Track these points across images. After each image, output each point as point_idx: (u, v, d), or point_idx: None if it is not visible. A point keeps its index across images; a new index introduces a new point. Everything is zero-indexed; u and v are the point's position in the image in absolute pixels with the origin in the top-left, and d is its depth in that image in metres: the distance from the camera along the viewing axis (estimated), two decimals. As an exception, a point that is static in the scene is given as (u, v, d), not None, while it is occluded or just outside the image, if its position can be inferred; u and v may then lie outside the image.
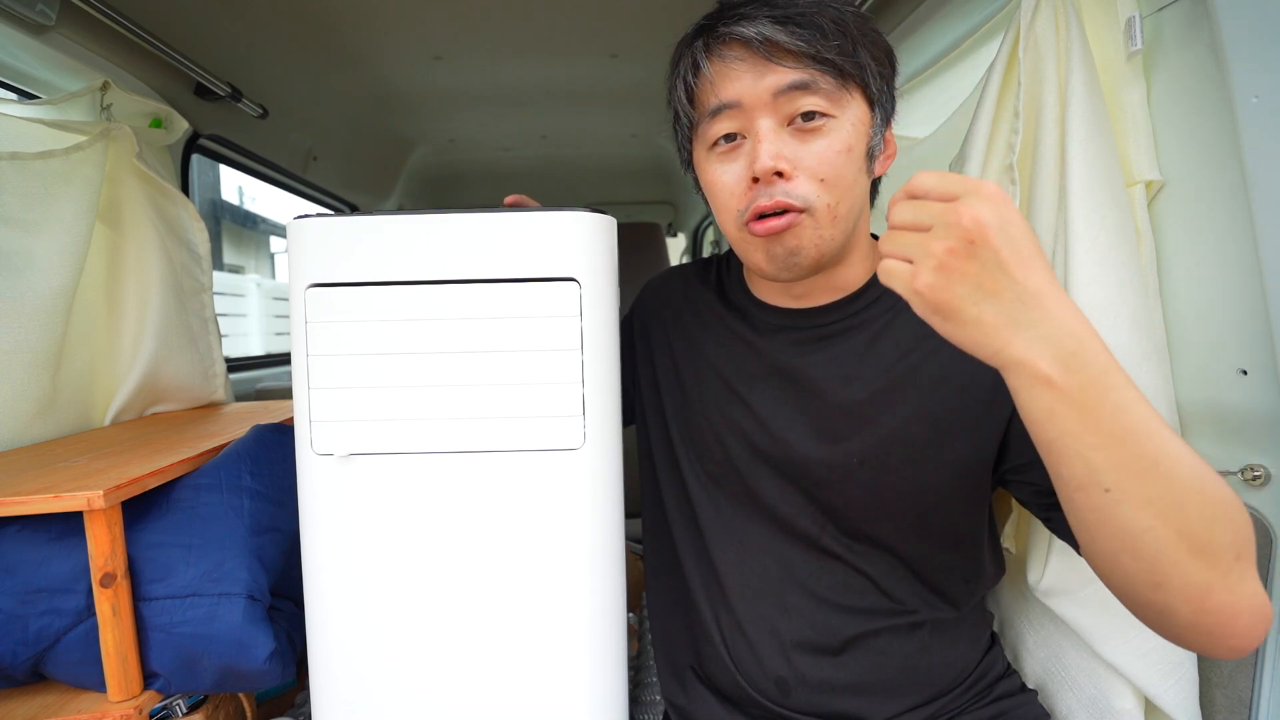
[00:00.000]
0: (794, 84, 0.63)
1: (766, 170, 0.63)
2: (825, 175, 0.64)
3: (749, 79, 0.64)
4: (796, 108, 0.64)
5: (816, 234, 0.66)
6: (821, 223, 0.65)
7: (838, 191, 0.65)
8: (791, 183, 0.64)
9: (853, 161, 0.65)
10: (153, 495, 0.82)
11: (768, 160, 0.63)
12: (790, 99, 0.64)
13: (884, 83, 0.68)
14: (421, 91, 1.93)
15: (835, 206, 0.65)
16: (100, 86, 1.18)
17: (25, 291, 1.02)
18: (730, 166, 0.68)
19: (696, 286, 0.85)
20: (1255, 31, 0.68)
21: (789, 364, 0.73)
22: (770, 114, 0.64)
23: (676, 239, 3.80)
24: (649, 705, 1.05)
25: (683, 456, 0.78)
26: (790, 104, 0.64)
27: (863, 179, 0.68)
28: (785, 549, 0.73)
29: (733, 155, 0.67)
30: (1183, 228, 0.81)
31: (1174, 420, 0.81)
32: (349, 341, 0.64)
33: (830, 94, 0.64)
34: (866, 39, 0.65)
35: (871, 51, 0.66)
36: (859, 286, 0.74)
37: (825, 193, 0.64)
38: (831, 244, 0.67)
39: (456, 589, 0.65)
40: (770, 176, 0.64)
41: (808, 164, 0.64)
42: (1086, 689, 0.83)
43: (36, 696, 0.79)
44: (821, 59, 0.63)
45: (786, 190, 0.64)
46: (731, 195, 0.68)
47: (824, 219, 0.65)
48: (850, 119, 0.65)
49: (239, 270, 5.43)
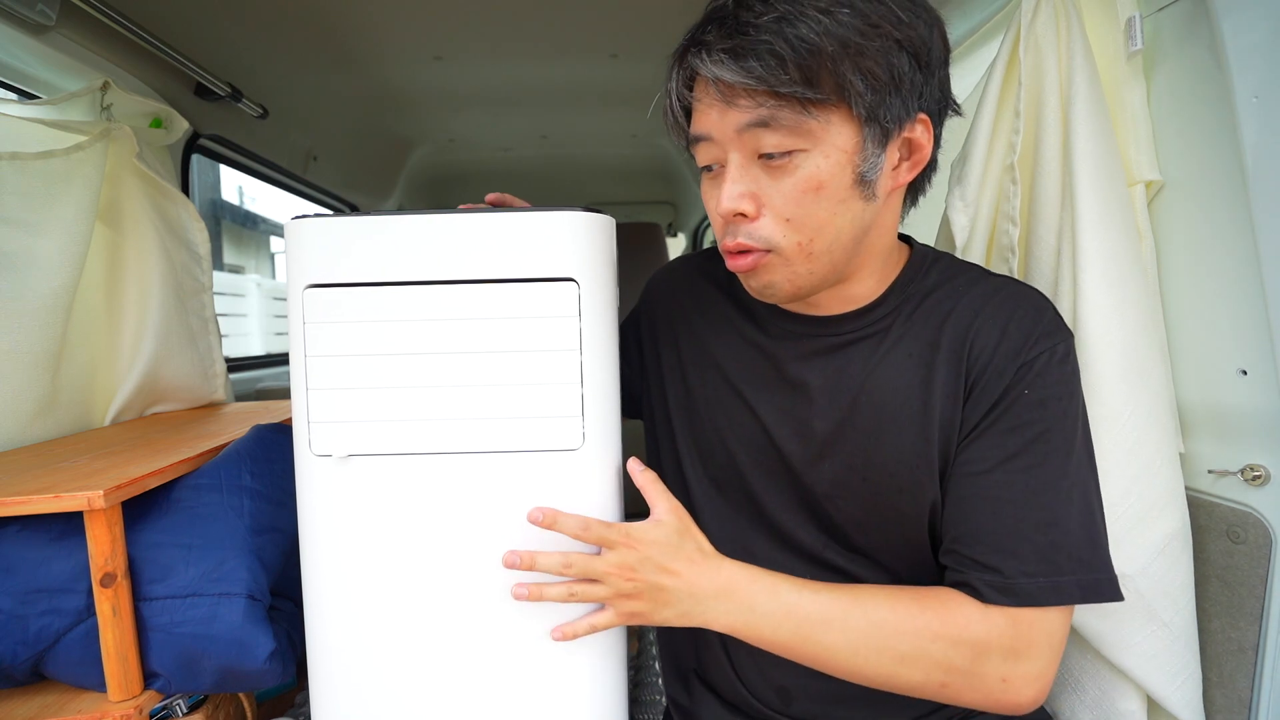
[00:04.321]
0: (751, 123, 0.59)
1: (727, 213, 0.62)
2: (791, 215, 0.61)
3: (715, 114, 0.61)
4: (759, 145, 0.60)
5: (789, 270, 0.63)
6: (792, 259, 0.62)
7: (808, 230, 0.61)
8: (755, 223, 0.62)
9: (825, 198, 0.60)
10: (153, 495, 0.82)
11: (727, 203, 0.61)
12: (753, 135, 0.60)
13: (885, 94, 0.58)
14: (421, 91, 1.93)
15: (808, 245, 0.62)
16: (100, 86, 1.18)
17: (25, 291, 1.02)
18: (714, 194, 0.65)
19: (704, 283, 0.82)
20: (1255, 31, 0.68)
21: (797, 374, 0.71)
22: (737, 149, 0.61)
23: (676, 239, 3.80)
24: (649, 705, 1.05)
25: (686, 458, 0.77)
26: (753, 140, 0.60)
27: (848, 208, 0.61)
28: (785, 559, 0.72)
29: (716, 182, 0.65)
30: (1183, 228, 0.81)
31: (1174, 420, 0.81)
32: (347, 342, 0.64)
33: (794, 128, 0.58)
34: (853, 50, 0.56)
35: (862, 64, 0.57)
36: (875, 297, 0.70)
37: (793, 232, 0.61)
38: (810, 278, 0.64)
39: (456, 589, 0.65)
40: (732, 217, 0.62)
41: (775, 202, 0.61)
42: (1090, 691, 0.83)
43: (36, 696, 0.79)
44: (779, 94, 0.57)
45: (749, 232, 0.62)
46: (715, 222, 0.66)
47: (794, 257, 0.62)
48: (826, 149, 0.59)
49: (239, 270, 5.44)
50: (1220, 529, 0.78)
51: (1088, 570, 0.61)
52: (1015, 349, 0.64)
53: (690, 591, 0.62)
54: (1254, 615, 0.74)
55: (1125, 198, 0.80)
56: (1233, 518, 0.76)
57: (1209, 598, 0.79)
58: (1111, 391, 0.76)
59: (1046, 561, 0.60)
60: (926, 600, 0.62)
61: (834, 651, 0.61)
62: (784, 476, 0.71)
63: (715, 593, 0.63)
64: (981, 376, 0.64)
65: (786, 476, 0.71)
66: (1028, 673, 0.60)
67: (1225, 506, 0.77)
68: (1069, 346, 0.65)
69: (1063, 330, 0.65)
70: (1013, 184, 0.88)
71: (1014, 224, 0.88)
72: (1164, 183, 0.82)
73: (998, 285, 0.68)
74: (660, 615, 0.63)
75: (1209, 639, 0.80)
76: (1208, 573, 0.79)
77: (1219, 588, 0.78)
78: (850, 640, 0.61)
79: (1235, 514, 0.76)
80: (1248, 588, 0.75)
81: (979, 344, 0.65)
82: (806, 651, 0.62)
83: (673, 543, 0.63)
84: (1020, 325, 0.64)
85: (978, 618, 0.61)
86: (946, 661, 0.60)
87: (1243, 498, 0.76)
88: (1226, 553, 0.77)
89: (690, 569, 0.63)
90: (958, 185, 0.94)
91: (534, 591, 0.63)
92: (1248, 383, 0.74)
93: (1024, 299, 0.67)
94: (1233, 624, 0.77)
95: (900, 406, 0.67)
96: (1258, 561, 0.74)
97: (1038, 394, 0.63)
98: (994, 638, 0.60)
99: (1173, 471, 0.77)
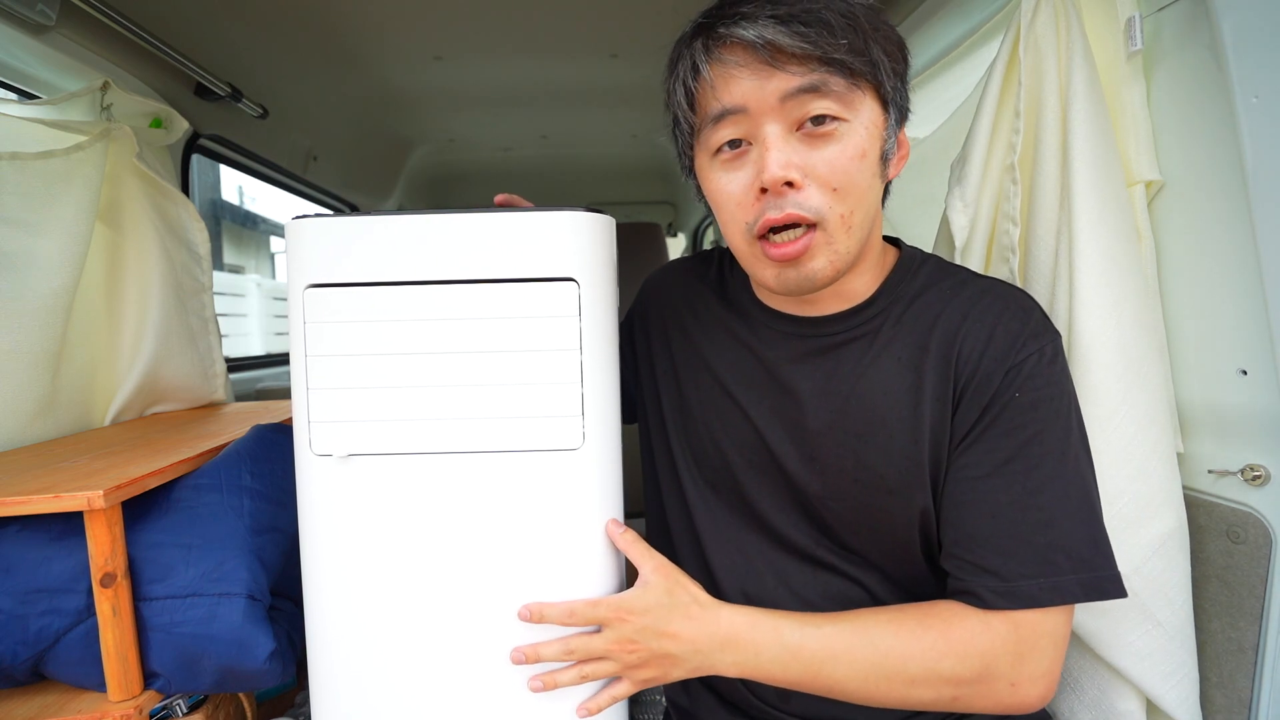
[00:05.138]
0: (802, 87, 0.58)
1: (776, 181, 0.59)
2: (839, 184, 0.60)
3: (753, 83, 0.60)
4: (806, 112, 0.59)
5: (831, 250, 0.62)
6: (835, 236, 0.62)
7: (851, 200, 0.61)
8: (802, 193, 0.60)
9: (867, 167, 0.61)
10: (153, 495, 0.82)
11: (777, 170, 0.59)
12: (799, 103, 0.59)
13: (898, 80, 0.63)
14: (421, 91, 1.93)
15: (849, 216, 0.61)
16: (100, 86, 1.18)
17: (25, 291, 1.02)
18: (736, 175, 0.63)
19: (696, 285, 0.82)
20: (1255, 31, 0.68)
21: (788, 376, 0.71)
22: (778, 119, 0.60)
23: (676, 239, 3.80)
24: (649, 705, 1.05)
25: (680, 461, 0.78)
26: (799, 108, 0.59)
27: (877, 185, 0.64)
28: (780, 559, 0.72)
29: (738, 163, 0.63)
30: (1183, 228, 0.81)
31: (1174, 420, 0.81)
32: (348, 342, 0.64)
33: (842, 96, 0.59)
34: (879, 33, 0.61)
35: (885, 47, 0.61)
36: (867, 296, 0.70)
37: (838, 203, 0.61)
38: (847, 257, 0.63)
39: (456, 588, 0.65)
40: (780, 187, 0.60)
41: (820, 172, 0.60)
42: (1089, 691, 0.83)
43: (36, 696, 0.79)
44: (830, 59, 0.58)
45: (798, 201, 0.60)
46: (739, 206, 0.63)
47: (838, 231, 0.61)
48: (864, 121, 0.61)
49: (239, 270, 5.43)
50: (1220, 529, 0.78)
51: (1089, 569, 0.61)
52: (1003, 352, 0.64)
53: (695, 649, 0.63)
54: (1254, 615, 0.74)
55: (1124, 197, 0.80)
56: (1232, 518, 0.76)
57: (1209, 598, 0.79)
58: (1106, 391, 0.77)
59: (1045, 563, 0.60)
60: (928, 619, 0.63)
61: (844, 684, 0.62)
62: (777, 477, 0.72)
63: (720, 644, 0.63)
64: (971, 381, 0.64)
65: (779, 477, 0.71)
66: (1034, 673, 0.61)
67: (1225, 506, 0.77)
68: (1057, 346, 0.65)
69: (1050, 331, 0.66)
70: (1013, 184, 0.88)
71: (1014, 224, 0.88)
72: (1164, 183, 0.82)
73: (984, 288, 0.68)
74: (674, 675, 0.65)
75: (1209, 639, 0.80)
76: (1207, 573, 0.80)
77: (1219, 588, 0.78)
78: (859, 671, 0.62)
79: (1235, 514, 0.76)
80: (1247, 588, 0.75)
81: (967, 348, 0.65)
82: (818, 686, 0.63)
83: (665, 604, 0.64)
84: (1007, 328, 0.65)
85: (980, 629, 0.61)
86: (955, 676, 0.61)
87: (1242, 498, 0.76)
88: (1226, 553, 0.77)
89: (689, 626, 0.63)
90: (958, 185, 0.94)
91: (548, 681, 0.64)
92: (1248, 383, 0.75)
93: (1010, 301, 0.67)
94: (1232, 624, 0.77)
95: (890, 410, 0.67)
96: (1257, 561, 0.74)
97: (1029, 396, 0.63)
98: (998, 645, 0.61)
99: (1169, 471, 0.77)
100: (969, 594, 0.63)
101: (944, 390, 0.65)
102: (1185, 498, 0.79)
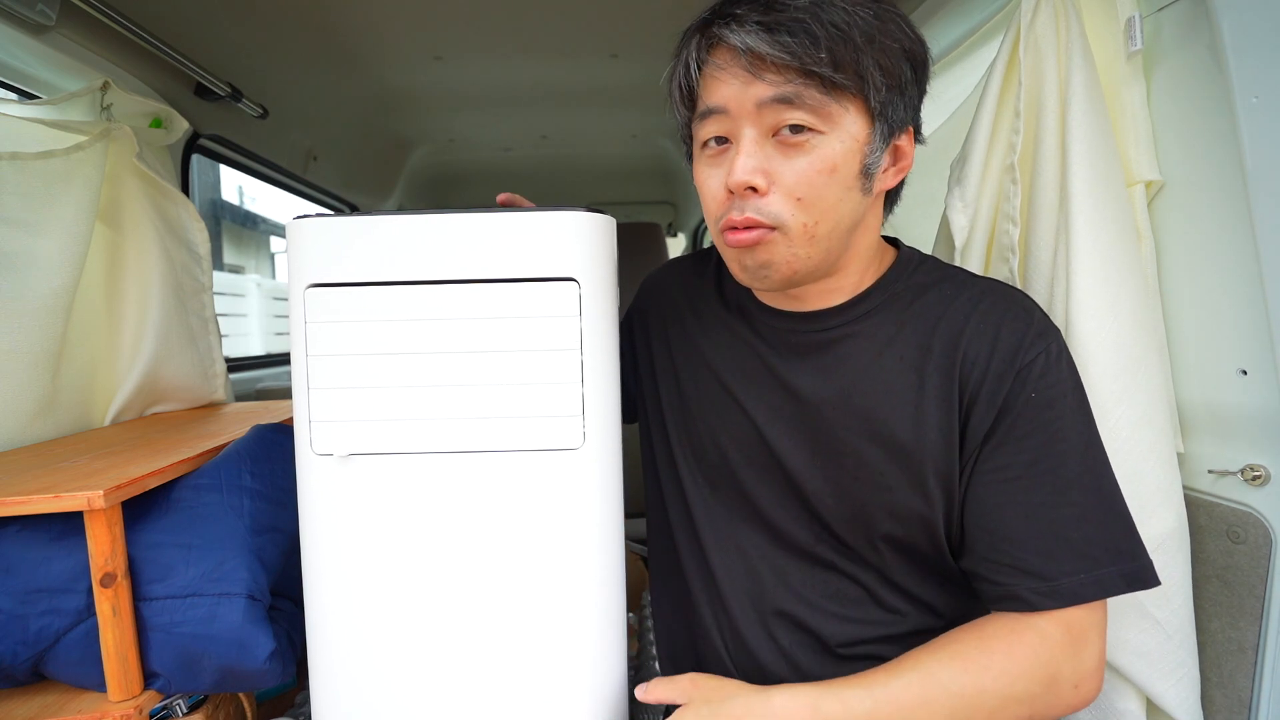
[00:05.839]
0: (776, 97, 0.60)
1: (739, 185, 0.61)
2: (803, 195, 0.61)
3: (735, 86, 0.62)
4: (781, 120, 0.61)
5: (789, 251, 0.63)
6: (795, 241, 0.63)
7: (816, 212, 0.62)
8: (765, 199, 0.62)
9: (837, 181, 0.62)
10: (153, 495, 0.82)
11: (741, 175, 0.61)
12: (774, 111, 0.60)
13: (895, 94, 0.62)
14: (421, 91, 1.93)
15: (813, 227, 0.62)
16: (100, 86, 1.18)
17: (25, 291, 1.02)
18: (716, 171, 0.65)
19: (694, 282, 0.83)
20: (1255, 31, 0.68)
21: (788, 374, 0.71)
22: (754, 124, 0.62)
23: (676, 239, 3.80)
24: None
25: (680, 458, 0.78)
26: (774, 116, 0.61)
27: (851, 197, 0.63)
28: (779, 557, 0.72)
29: (719, 160, 0.65)
30: (1183, 228, 0.81)
31: (1174, 420, 0.81)
32: (348, 342, 0.64)
33: (817, 109, 0.60)
34: (875, 46, 0.60)
35: (880, 60, 0.60)
36: (859, 292, 0.71)
37: (801, 212, 0.62)
38: (807, 262, 0.64)
39: (456, 589, 0.65)
40: (743, 191, 0.62)
41: (786, 181, 0.61)
42: (1087, 689, 0.83)
43: (36, 696, 0.79)
44: (809, 71, 0.59)
45: (759, 207, 0.62)
46: (714, 200, 0.66)
47: (798, 238, 0.63)
48: (842, 135, 0.61)
49: (239, 270, 5.43)
50: (1220, 529, 0.78)
51: (1129, 559, 0.61)
52: (1010, 354, 0.64)
53: None
54: (1254, 615, 0.74)
55: (1123, 197, 0.80)
56: (1233, 518, 0.76)
57: (1209, 598, 0.79)
58: (1104, 391, 0.77)
59: (1085, 558, 0.61)
60: (988, 642, 0.62)
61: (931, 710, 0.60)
62: (776, 474, 0.72)
63: None
64: (981, 386, 0.64)
65: (779, 474, 0.72)
66: (1091, 668, 0.62)
67: (1225, 506, 0.77)
68: (1061, 344, 0.66)
69: (1052, 329, 0.66)
70: (1013, 184, 0.88)
71: (1014, 224, 0.88)
72: (1164, 183, 0.82)
73: (984, 289, 0.69)
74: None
75: (1209, 639, 0.80)
76: (1208, 572, 0.80)
77: (1219, 588, 0.78)
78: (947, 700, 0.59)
79: (1235, 514, 0.76)
80: (1247, 588, 0.75)
81: (972, 351, 0.65)
82: None
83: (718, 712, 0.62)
84: (1012, 331, 0.65)
85: (1038, 639, 0.61)
86: (1029, 695, 0.60)
87: (1242, 498, 0.76)
88: (1226, 553, 0.77)
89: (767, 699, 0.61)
90: (957, 185, 0.94)
91: None
92: (1248, 382, 0.75)
93: (1011, 302, 0.67)
94: (1232, 624, 0.77)
95: (891, 409, 0.67)
96: (1257, 561, 0.74)
97: (1044, 395, 0.63)
98: (1057, 650, 0.61)
99: (1167, 471, 0.77)
100: (1012, 599, 0.62)
101: (948, 392, 0.65)
102: (1185, 498, 0.79)
